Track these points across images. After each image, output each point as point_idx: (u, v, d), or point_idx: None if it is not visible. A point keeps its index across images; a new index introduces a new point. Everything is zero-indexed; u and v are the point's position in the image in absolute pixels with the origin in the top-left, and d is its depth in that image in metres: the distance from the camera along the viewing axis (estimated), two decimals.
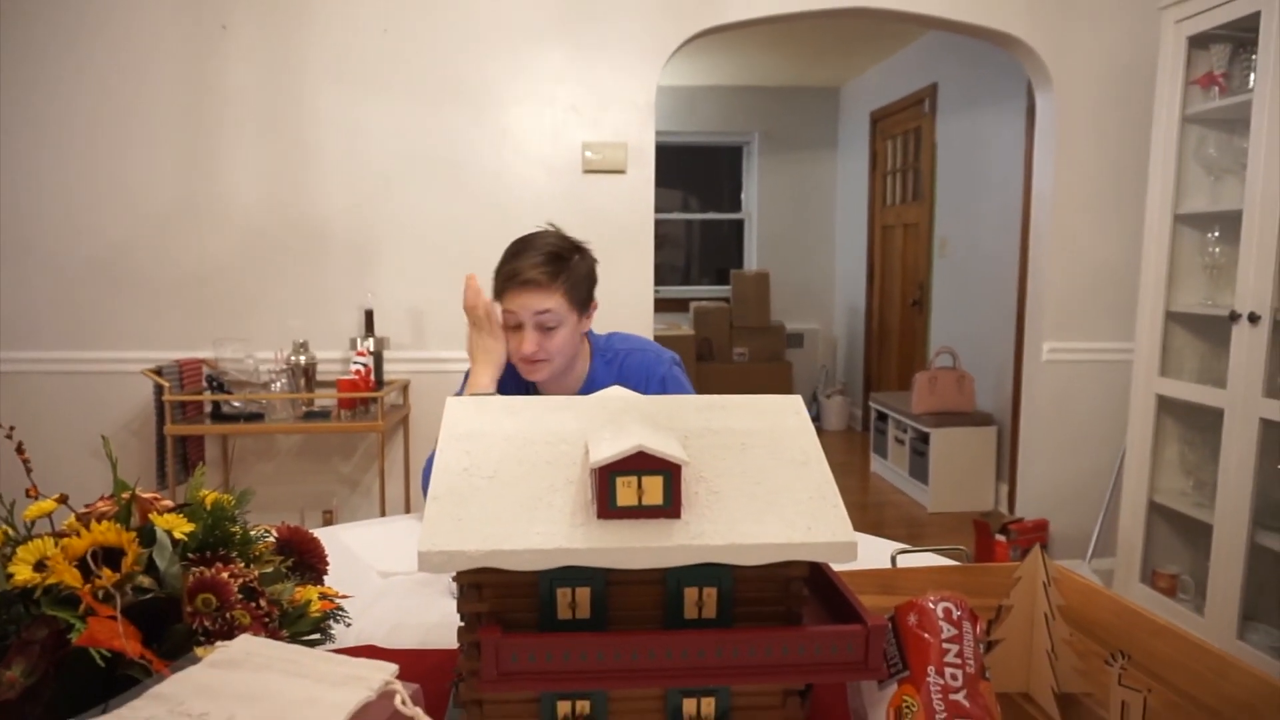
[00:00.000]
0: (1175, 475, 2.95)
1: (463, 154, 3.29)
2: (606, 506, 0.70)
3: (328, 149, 3.25)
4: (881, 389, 5.99)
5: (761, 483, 0.74)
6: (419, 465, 3.38)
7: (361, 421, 3.01)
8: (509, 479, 0.74)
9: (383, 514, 3.18)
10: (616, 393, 0.85)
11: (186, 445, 3.12)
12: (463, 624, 0.73)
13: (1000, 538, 3.46)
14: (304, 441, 3.37)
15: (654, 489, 0.70)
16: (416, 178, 3.29)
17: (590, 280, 1.75)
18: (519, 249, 1.72)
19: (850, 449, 5.94)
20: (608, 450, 0.70)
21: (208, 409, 3.05)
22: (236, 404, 3.03)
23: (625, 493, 0.70)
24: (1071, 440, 3.55)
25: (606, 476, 0.70)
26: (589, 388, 1.77)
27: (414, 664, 0.91)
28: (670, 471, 0.70)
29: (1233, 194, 2.71)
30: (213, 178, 3.22)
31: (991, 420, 4.56)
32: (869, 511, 4.58)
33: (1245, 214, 2.51)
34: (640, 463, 0.69)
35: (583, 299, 1.73)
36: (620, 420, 0.78)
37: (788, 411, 0.82)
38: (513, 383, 1.82)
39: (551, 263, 1.68)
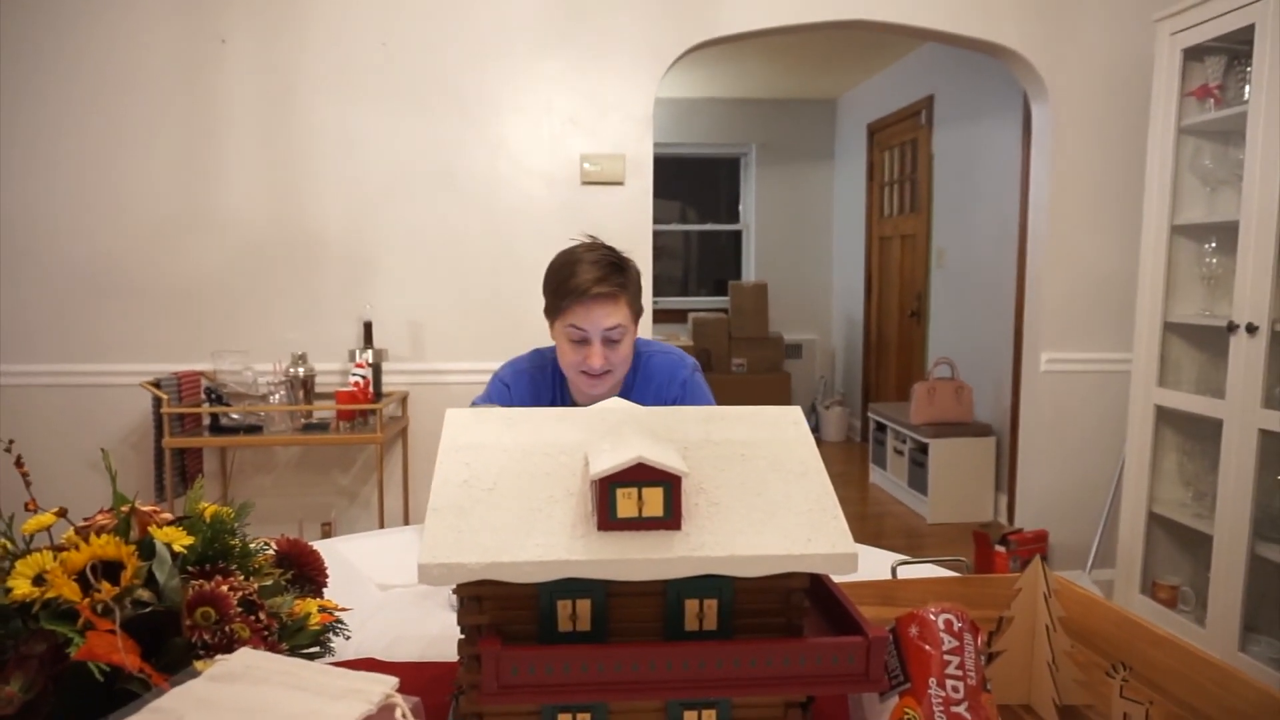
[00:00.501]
0: (1174, 486, 2.95)
1: (461, 165, 3.30)
2: (607, 518, 0.70)
3: (326, 161, 3.25)
4: (880, 400, 5.99)
5: (761, 494, 0.74)
6: (418, 477, 3.38)
7: (360, 433, 3.01)
8: (509, 491, 0.74)
9: (381, 526, 3.17)
10: (616, 404, 0.85)
11: (185, 458, 3.11)
12: (463, 636, 0.73)
13: (1000, 549, 3.45)
14: (303, 454, 3.36)
15: (654, 500, 0.70)
16: (414, 189, 3.29)
17: (641, 289, 1.76)
18: (574, 261, 1.68)
19: (849, 460, 5.93)
20: (608, 461, 0.70)
21: (206, 421, 3.04)
22: (235, 416, 3.02)
23: (625, 504, 0.70)
24: (1070, 451, 3.55)
25: (607, 488, 0.70)
26: (624, 393, 1.76)
27: (414, 677, 0.91)
28: (670, 483, 0.70)
29: (1229, 205, 2.72)
30: (211, 190, 3.22)
31: (990, 431, 4.56)
32: (868, 522, 4.57)
33: (1242, 225, 2.52)
34: (640, 474, 0.70)
35: (638, 309, 1.74)
36: (620, 432, 0.78)
37: (787, 422, 0.82)
38: (548, 393, 1.81)
39: (616, 274, 1.67)
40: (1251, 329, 2.47)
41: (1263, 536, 2.50)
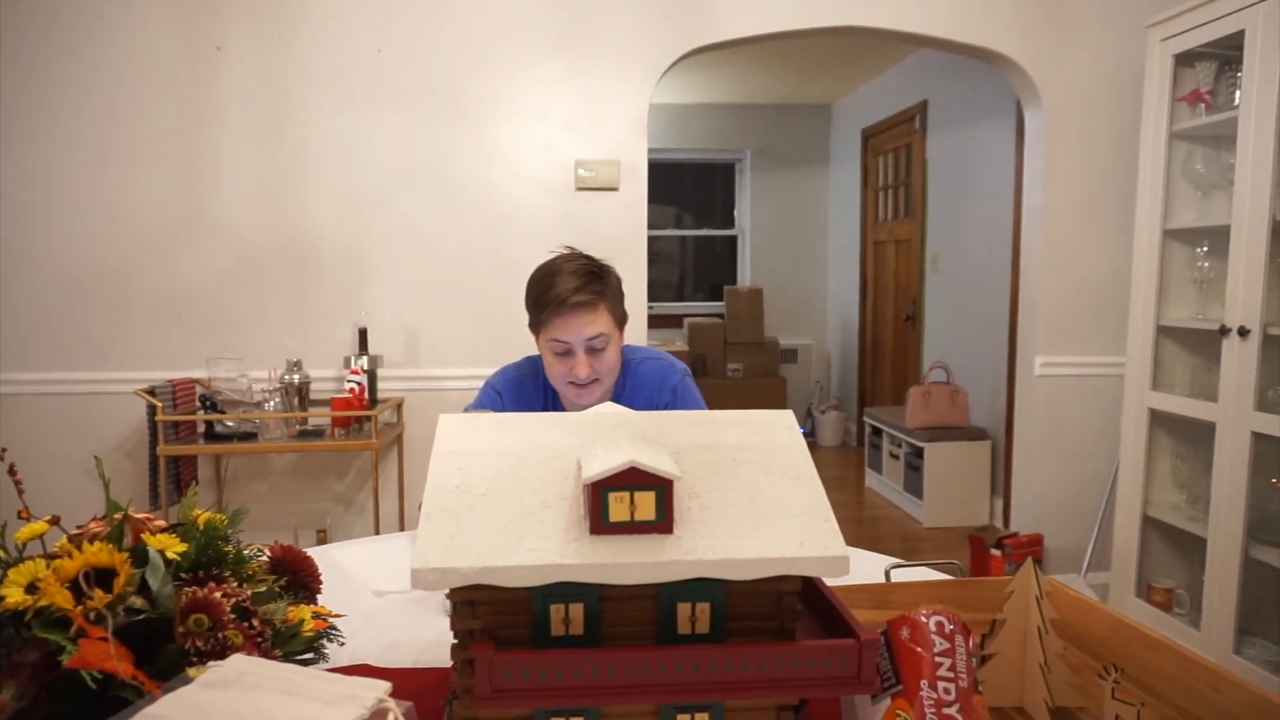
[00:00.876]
0: (1168, 489, 2.96)
1: (456, 172, 3.30)
2: (599, 522, 0.70)
3: (321, 167, 3.26)
4: (875, 404, 6.00)
5: (753, 498, 0.74)
6: (413, 483, 3.37)
7: (355, 440, 3.00)
8: (502, 495, 0.74)
9: (377, 532, 3.17)
10: (609, 409, 0.85)
11: (180, 465, 3.11)
12: (456, 641, 0.73)
13: (995, 552, 3.46)
14: (298, 460, 3.36)
15: (646, 504, 0.70)
16: (410, 196, 3.30)
17: (622, 295, 1.75)
18: (552, 273, 1.67)
19: (845, 464, 5.94)
20: (600, 466, 0.70)
21: (201, 429, 3.04)
22: (230, 423, 3.02)
23: (618, 508, 0.70)
24: (1065, 454, 3.55)
25: (599, 492, 0.70)
26: (613, 401, 1.76)
27: (408, 683, 0.91)
28: (663, 487, 0.70)
29: (1221, 209, 2.73)
30: (206, 197, 3.22)
31: (985, 435, 4.57)
32: (864, 526, 4.58)
33: (1233, 229, 2.53)
34: (633, 478, 0.70)
35: (621, 315, 1.73)
36: (612, 436, 0.78)
37: (779, 426, 0.83)
38: (540, 401, 1.81)
39: (594, 282, 1.66)
40: (1243, 332, 2.48)
41: (1257, 539, 2.51)
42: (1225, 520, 2.55)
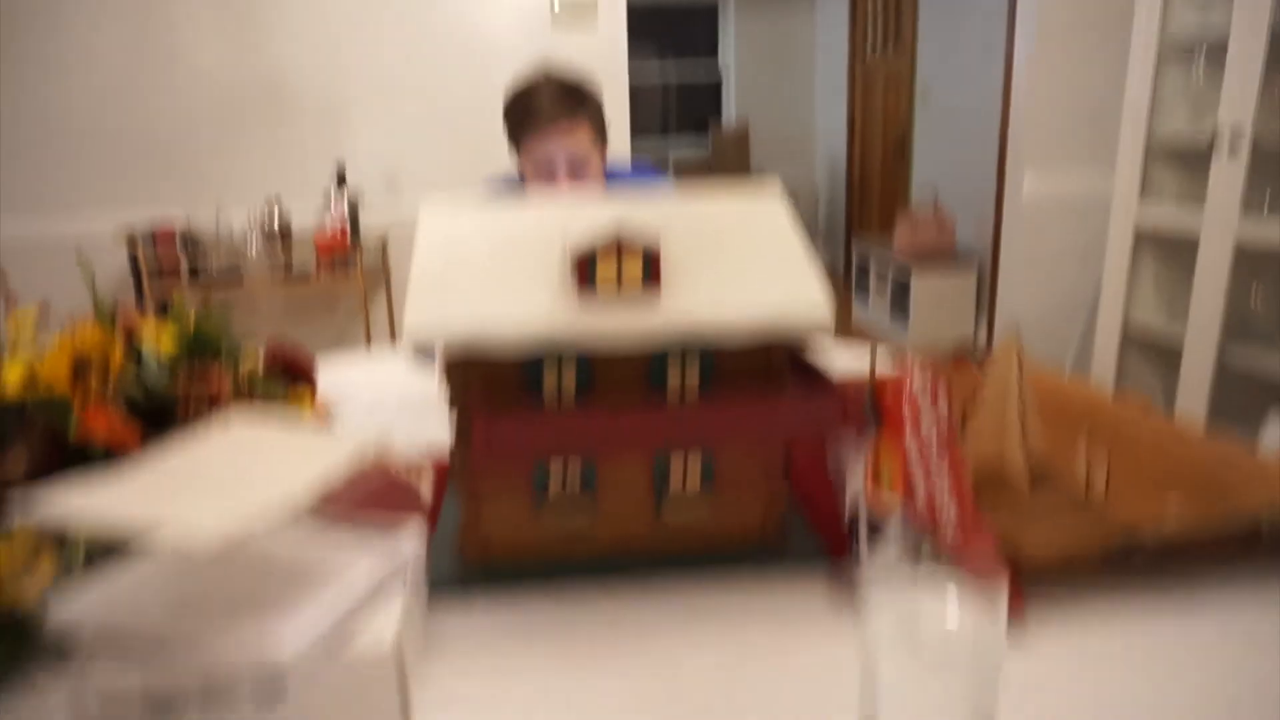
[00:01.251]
0: (1150, 303, 3.00)
1: (430, 6, 3.16)
2: (588, 287, 0.71)
3: (291, 4, 3.11)
4: (863, 237, 5.99)
5: (739, 260, 0.75)
6: (402, 317, 3.39)
7: (341, 277, 2.99)
8: (490, 268, 0.74)
9: None
10: (594, 189, 0.85)
11: (167, 313, 3.10)
12: (453, 413, 0.75)
13: (979, 369, 3.53)
14: (285, 304, 3.35)
15: (634, 269, 0.71)
16: (383, 31, 3.17)
17: (602, 108, 1.69)
18: (531, 90, 1.63)
19: (833, 296, 5.97)
20: (588, 233, 0.70)
21: (184, 272, 3.01)
22: (213, 266, 2.99)
23: (606, 274, 0.71)
24: (1050, 277, 3.58)
25: (587, 258, 0.70)
26: None
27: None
28: (649, 251, 0.71)
29: (1219, 22, 2.65)
30: (168, 38, 3.09)
31: (972, 260, 4.58)
32: None
33: (1231, 40, 2.46)
34: (620, 244, 0.70)
35: (602, 130, 1.68)
36: (599, 206, 0.78)
37: (764, 196, 0.83)
38: None
39: (572, 95, 1.61)
40: (1233, 145, 2.46)
41: (1230, 342, 2.56)
42: (1204, 325, 2.61)
